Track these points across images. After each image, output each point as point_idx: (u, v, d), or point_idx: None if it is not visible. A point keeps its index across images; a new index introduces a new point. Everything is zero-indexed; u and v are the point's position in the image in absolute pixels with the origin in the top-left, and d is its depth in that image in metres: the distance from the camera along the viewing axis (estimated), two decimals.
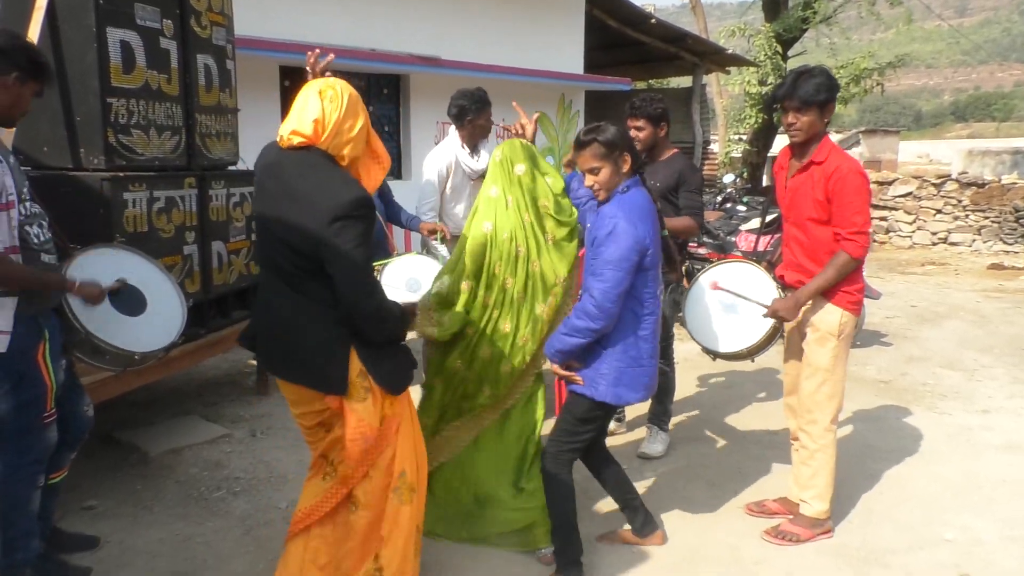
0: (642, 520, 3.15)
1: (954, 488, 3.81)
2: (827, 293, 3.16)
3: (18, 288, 2.48)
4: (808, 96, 3.03)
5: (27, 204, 2.60)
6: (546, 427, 3.11)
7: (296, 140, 2.34)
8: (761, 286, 3.29)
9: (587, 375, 2.78)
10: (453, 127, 4.41)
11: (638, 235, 2.64)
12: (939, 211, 12.25)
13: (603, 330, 2.69)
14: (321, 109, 2.33)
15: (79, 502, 3.45)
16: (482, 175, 3.38)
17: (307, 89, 2.38)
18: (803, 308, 3.21)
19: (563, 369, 2.82)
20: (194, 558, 3.05)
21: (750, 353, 3.32)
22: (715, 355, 3.42)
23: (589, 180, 2.79)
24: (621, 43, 13.65)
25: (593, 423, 2.88)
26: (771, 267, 3.43)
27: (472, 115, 4.26)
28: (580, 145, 2.78)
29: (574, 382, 2.81)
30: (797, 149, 3.21)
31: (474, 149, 4.40)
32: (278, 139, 2.40)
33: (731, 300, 3.31)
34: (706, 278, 3.46)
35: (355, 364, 2.41)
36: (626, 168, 2.75)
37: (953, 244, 12.03)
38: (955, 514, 3.53)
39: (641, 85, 16.61)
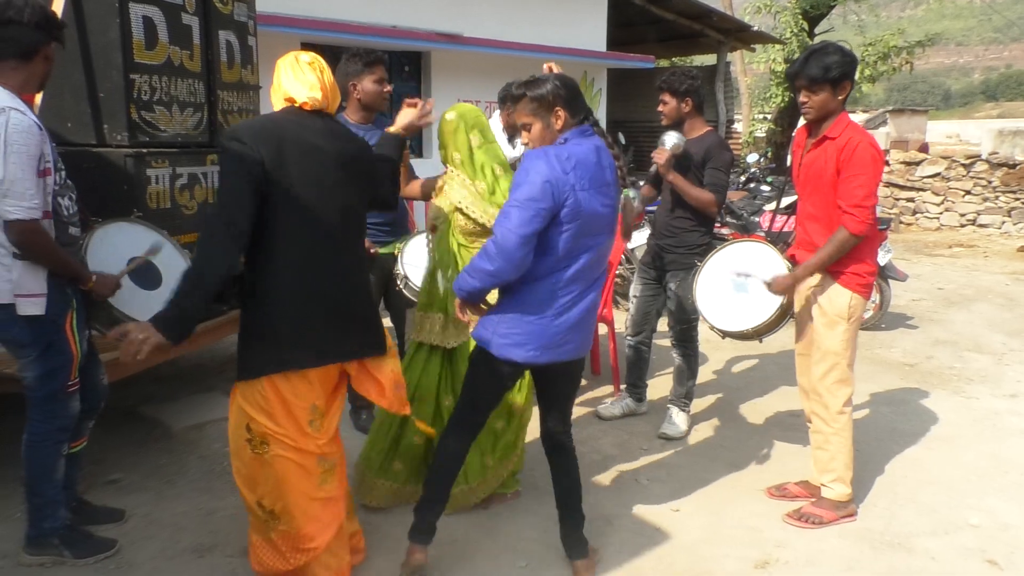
0: (568, 541, 2.85)
1: (980, 473, 3.76)
2: (836, 275, 3.11)
3: (41, 263, 2.52)
4: (816, 75, 2.99)
5: (61, 174, 2.66)
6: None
7: (314, 105, 2.48)
8: (771, 265, 3.25)
9: (483, 319, 2.64)
10: (498, 111, 4.44)
11: (555, 178, 2.43)
12: (968, 192, 12.01)
13: (500, 273, 2.45)
14: (321, 76, 2.50)
15: (104, 476, 3.50)
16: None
17: (295, 61, 2.48)
18: (811, 287, 3.17)
19: (465, 310, 2.67)
20: (218, 532, 3.09)
21: (757, 333, 3.30)
22: (723, 334, 3.42)
23: (524, 137, 2.67)
24: (644, 20, 13.47)
25: (483, 370, 2.67)
26: (787, 248, 3.39)
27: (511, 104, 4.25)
28: (513, 99, 2.68)
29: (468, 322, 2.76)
30: (812, 126, 3.18)
31: (512, 137, 4.41)
32: (299, 105, 2.46)
33: (741, 280, 3.29)
34: (718, 258, 3.43)
35: None
36: (559, 125, 2.58)
37: (982, 226, 11.81)
38: (981, 499, 3.49)
39: (664, 63, 16.39)
